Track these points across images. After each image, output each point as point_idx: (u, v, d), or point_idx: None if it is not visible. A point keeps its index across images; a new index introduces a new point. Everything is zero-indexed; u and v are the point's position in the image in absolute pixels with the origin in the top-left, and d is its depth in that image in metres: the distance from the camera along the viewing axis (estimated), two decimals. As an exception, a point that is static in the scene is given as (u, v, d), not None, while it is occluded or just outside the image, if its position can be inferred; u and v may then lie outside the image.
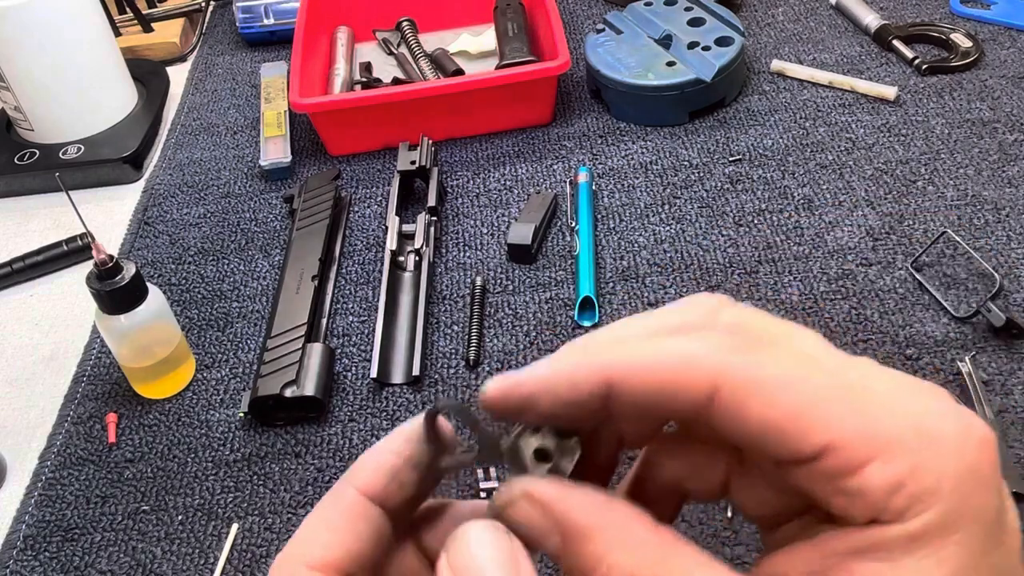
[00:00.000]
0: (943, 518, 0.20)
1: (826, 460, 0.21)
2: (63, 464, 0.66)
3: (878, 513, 0.21)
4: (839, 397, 0.21)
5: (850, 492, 0.21)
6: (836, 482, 0.21)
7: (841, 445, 0.21)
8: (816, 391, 0.22)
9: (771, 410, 0.22)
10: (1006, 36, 0.92)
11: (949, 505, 0.20)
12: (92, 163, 0.91)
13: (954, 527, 0.20)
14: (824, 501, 0.22)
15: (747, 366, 0.22)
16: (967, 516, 0.21)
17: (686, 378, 0.22)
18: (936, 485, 0.20)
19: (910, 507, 0.20)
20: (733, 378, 0.22)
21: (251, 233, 0.83)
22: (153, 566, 0.59)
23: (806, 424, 0.21)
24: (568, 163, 0.85)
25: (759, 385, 0.22)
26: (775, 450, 0.22)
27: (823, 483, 0.21)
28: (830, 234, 0.74)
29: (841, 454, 0.21)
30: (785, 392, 0.22)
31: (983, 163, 0.78)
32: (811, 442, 0.21)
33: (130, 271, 0.63)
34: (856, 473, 0.21)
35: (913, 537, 0.20)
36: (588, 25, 1.04)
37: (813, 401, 0.21)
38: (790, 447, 0.21)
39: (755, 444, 0.22)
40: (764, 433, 0.22)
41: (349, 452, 0.64)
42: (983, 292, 0.67)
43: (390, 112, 0.86)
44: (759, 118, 0.87)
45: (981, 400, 0.60)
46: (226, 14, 1.16)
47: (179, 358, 0.69)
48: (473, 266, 0.76)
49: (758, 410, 0.22)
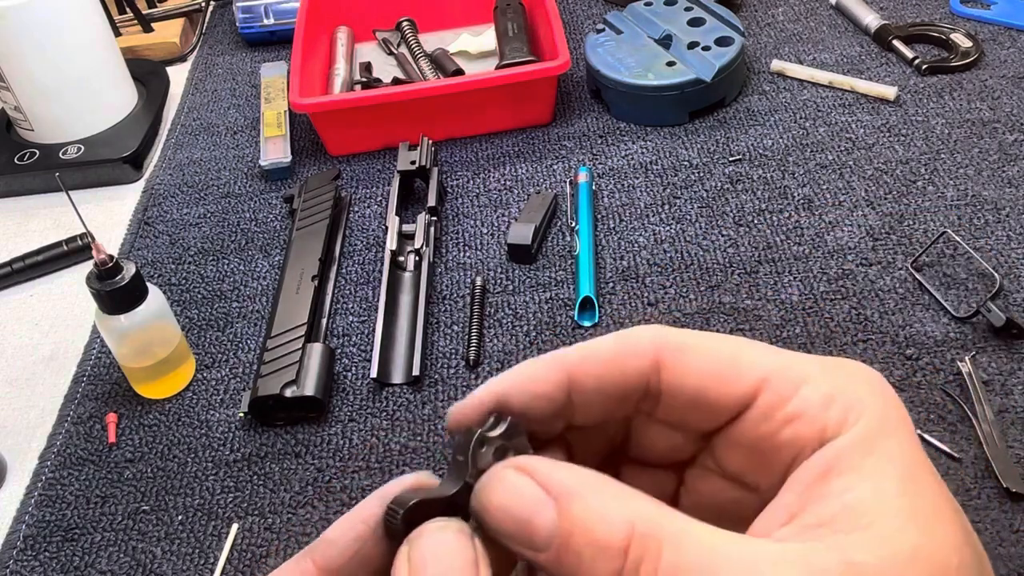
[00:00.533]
0: (878, 423, 0.23)
1: (764, 395, 0.24)
2: (63, 464, 0.66)
3: (820, 429, 0.23)
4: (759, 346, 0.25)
5: (792, 416, 0.24)
6: (777, 412, 0.24)
7: (773, 378, 0.24)
8: (738, 344, 0.25)
9: (707, 361, 0.25)
10: (1006, 36, 0.92)
11: (877, 413, 0.23)
12: (92, 163, 0.91)
13: (890, 429, 0.23)
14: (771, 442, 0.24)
15: (680, 334, 0.26)
16: (895, 421, 0.23)
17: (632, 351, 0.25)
18: (860, 398, 0.23)
19: (846, 418, 0.23)
20: (671, 342, 0.25)
21: (251, 233, 0.83)
22: (153, 566, 0.59)
23: (740, 367, 0.24)
24: (568, 163, 0.85)
25: (693, 344, 0.25)
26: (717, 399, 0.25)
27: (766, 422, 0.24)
28: (830, 234, 0.74)
29: (775, 385, 0.24)
30: (716, 346, 0.25)
31: (983, 163, 0.78)
32: (747, 380, 0.24)
33: (130, 271, 0.63)
34: (792, 397, 0.24)
35: (863, 441, 0.22)
36: (588, 25, 1.04)
37: (741, 349, 0.25)
38: (730, 391, 0.24)
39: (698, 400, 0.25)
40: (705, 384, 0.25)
41: (349, 452, 0.64)
42: (983, 292, 0.67)
43: (390, 112, 0.86)
44: (759, 118, 0.87)
45: (981, 400, 0.60)
46: (226, 14, 1.16)
47: (179, 358, 0.69)
48: (473, 266, 0.76)
49: (696, 363, 0.25)
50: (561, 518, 0.22)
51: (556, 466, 0.23)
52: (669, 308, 0.70)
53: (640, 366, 0.25)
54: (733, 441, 0.26)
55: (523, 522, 0.22)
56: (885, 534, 0.21)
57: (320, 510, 0.61)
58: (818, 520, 0.22)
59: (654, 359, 0.25)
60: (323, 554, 0.25)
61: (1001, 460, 0.57)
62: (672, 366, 0.25)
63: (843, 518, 0.21)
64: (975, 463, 0.57)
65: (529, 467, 0.23)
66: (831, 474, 0.22)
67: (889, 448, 0.22)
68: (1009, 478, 0.56)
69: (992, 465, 0.57)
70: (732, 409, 0.25)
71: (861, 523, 0.21)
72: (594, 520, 0.22)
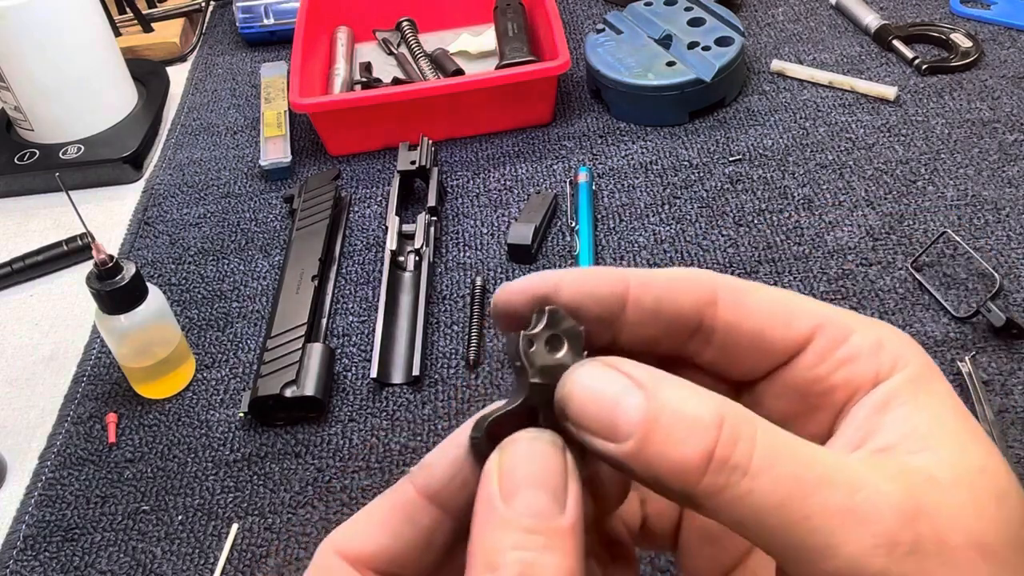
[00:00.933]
0: (923, 369, 0.24)
1: (818, 339, 0.24)
2: (63, 464, 0.66)
3: (874, 371, 0.24)
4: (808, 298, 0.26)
5: (848, 359, 0.24)
6: (832, 354, 0.24)
7: (826, 324, 0.24)
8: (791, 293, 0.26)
9: (765, 303, 0.25)
10: (1006, 36, 0.92)
11: (922, 364, 0.24)
12: (92, 163, 0.91)
13: (935, 374, 0.24)
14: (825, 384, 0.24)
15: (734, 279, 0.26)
16: (934, 370, 0.24)
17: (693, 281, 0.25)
18: (903, 348, 0.24)
19: (895, 363, 0.24)
20: (728, 284, 0.25)
21: (251, 233, 0.83)
22: (153, 566, 0.59)
23: (795, 312, 0.25)
24: (568, 163, 0.85)
25: (751, 286, 0.25)
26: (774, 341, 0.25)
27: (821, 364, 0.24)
28: (830, 234, 0.74)
29: (828, 331, 0.24)
30: (771, 291, 0.25)
31: (983, 163, 0.78)
32: (803, 324, 0.25)
33: (130, 271, 0.63)
34: (846, 342, 0.24)
35: (914, 380, 0.23)
36: (588, 25, 1.04)
37: (793, 297, 0.25)
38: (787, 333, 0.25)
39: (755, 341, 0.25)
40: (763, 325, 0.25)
41: (349, 452, 0.64)
42: (983, 292, 0.67)
43: (390, 112, 0.86)
44: (759, 118, 0.87)
45: (981, 400, 0.60)
46: (226, 14, 1.16)
47: (179, 358, 0.69)
48: (473, 266, 0.76)
49: (754, 305, 0.25)
50: (648, 401, 0.21)
51: (640, 364, 0.22)
52: (669, 308, 0.70)
53: (699, 297, 0.25)
54: (782, 386, 0.26)
55: (608, 408, 0.22)
56: (952, 453, 0.22)
57: (320, 510, 0.61)
58: (885, 445, 0.22)
59: (711, 294, 0.25)
60: (423, 479, 0.25)
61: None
62: (731, 305, 0.25)
63: (908, 441, 0.22)
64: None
65: (611, 361, 0.23)
66: (888, 407, 0.23)
67: (937, 388, 0.23)
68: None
69: (992, 465, 0.57)
70: (788, 352, 0.25)
71: (926, 445, 0.22)
72: (684, 399, 0.21)
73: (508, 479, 0.22)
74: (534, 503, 0.22)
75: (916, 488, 0.21)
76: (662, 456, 0.21)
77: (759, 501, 0.20)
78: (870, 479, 0.21)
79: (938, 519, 0.20)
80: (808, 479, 0.20)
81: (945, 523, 0.20)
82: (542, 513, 0.22)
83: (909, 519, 0.20)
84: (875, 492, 0.20)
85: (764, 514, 0.20)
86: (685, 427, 0.21)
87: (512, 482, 0.22)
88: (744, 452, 0.20)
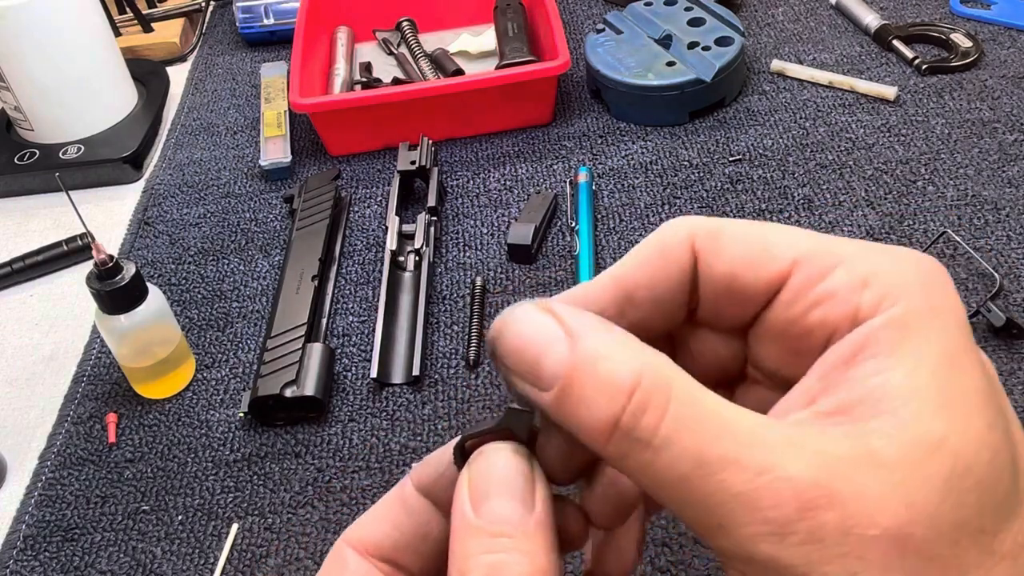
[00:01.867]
0: (921, 306, 0.21)
1: (794, 277, 0.23)
2: (63, 464, 0.66)
3: (852, 311, 0.22)
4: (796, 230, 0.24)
5: (823, 297, 0.22)
6: (808, 293, 0.23)
7: (805, 259, 0.23)
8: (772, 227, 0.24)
9: (738, 245, 0.24)
10: (1006, 36, 0.92)
11: (918, 299, 0.21)
12: (92, 163, 0.91)
13: (934, 312, 0.21)
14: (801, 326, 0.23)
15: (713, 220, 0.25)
16: (940, 308, 0.21)
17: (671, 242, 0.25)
18: (900, 282, 0.21)
19: (881, 302, 0.21)
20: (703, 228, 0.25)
21: (251, 233, 0.83)
22: (153, 566, 0.59)
23: (771, 250, 0.24)
24: (568, 163, 0.85)
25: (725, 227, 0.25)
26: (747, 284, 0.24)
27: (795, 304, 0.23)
28: (830, 234, 0.74)
29: (806, 267, 0.23)
30: (748, 227, 0.24)
31: (983, 163, 0.78)
32: (779, 262, 0.23)
33: (130, 271, 0.63)
34: (824, 279, 0.22)
35: (898, 323, 0.21)
36: (588, 25, 1.04)
37: (773, 231, 0.24)
38: (760, 274, 0.24)
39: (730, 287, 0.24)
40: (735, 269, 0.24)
41: (349, 452, 0.64)
42: (983, 292, 0.67)
43: (390, 112, 0.86)
44: (759, 118, 0.87)
45: (981, 400, 0.60)
46: (226, 14, 1.16)
47: (179, 358, 0.69)
48: (473, 266, 0.76)
49: (727, 248, 0.24)
50: (571, 353, 0.21)
51: (579, 311, 0.22)
52: (669, 308, 0.70)
53: (680, 258, 0.25)
54: (765, 332, 0.25)
55: (534, 355, 0.21)
56: (911, 420, 0.19)
57: (320, 510, 0.61)
58: (839, 405, 0.20)
59: (691, 251, 0.25)
60: (418, 474, 0.26)
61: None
62: (704, 253, 0.24)
63: (867, 403, 0.20)
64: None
65: (549, 305, 0.22)
66: (859, 357, 0.21)
67: (930, 332, 0.21)
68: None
69: (992, 465, 0.57)
70: (763, 294, 0.24)
71: (886, 408, 0.20)
72: (603, 357, 0.21)
73: (476, 490, 0.23)
74: (500, 509, 0.22)
75: (837, 470, 0.19)
76: (575, 413, 0.21)
77: (660, 474, 0.20)
78: (780, 459, 0.19)
79: (854, 507, 0.19)
80: (713, 456, 0.19)
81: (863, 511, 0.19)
82: (508, 518, 0.22)
83: (811, 506, 0.19)
84: (779, 475, 0.19)
85: (664, 487, 0.20)
86: (597, 388, 0.20)
87: (480, 492, 0.23)
88: (650, 423, 0.20)
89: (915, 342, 0.20)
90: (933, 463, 0.19)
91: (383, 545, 0.26)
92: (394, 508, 0.27)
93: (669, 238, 0.25)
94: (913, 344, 0.20)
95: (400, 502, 0.26)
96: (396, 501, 0.27)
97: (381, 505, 0.27)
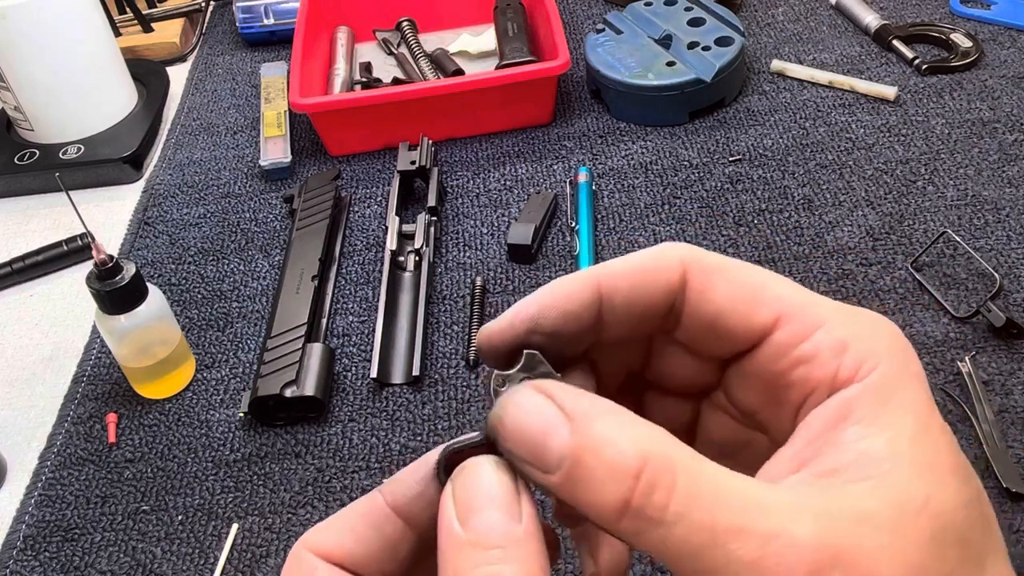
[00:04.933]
0: (894, 375, 0.23)
1: (779, 331, 0.24)
2: (63, 464, 0.66)
3: (831, 375, 0.23)
4: (784, 282, 0.25)
5: (805, 358, 0.24)
6: (791, 351, 0.24)
7: (791, 316, 0.24)
8: (764, 275, 0.25)
9: (731, 287, 0.25)
10: (1006, 36, 0.92)
11: (893, 365, 0.23)
12: (92, 163, 0.91)
13: (905, 381, 0.23)
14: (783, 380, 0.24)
15: (711, 256, 0.26)
16: (910, 374, 0.23)
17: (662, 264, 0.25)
18: (875, 348, 0.23)
19: (860, 367, 0.23)
20: (699, 261, 0.25)
21: (251, 233, 0.83)
22: (153, 566, 0.59)
23: (762, 299, 0.25)
24: (568, 163, 0.85)
25: (721, 267, 0.25)
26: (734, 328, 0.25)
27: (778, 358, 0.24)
28: (830, 234, 0.74)
29: (791, 324, 0.24)
30: (742, 272, 0.25)
31: (983, 163, 0.78)
32: (766, 313, 0.24)
33: (130, 271, 0.63)
34: (807, 338, 0.24)
35: (877, 391, 0.22)
36: (588, 25, 1.04)
37: (765, 282, 0.25)
38: (747, 322, 0.25)
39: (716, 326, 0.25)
40: (724, 310, 0.25)
41: (349, 452, 0.64)
42: (983, 292, 0.67)
43: (390, 112, 0.86)
44: (759, 118, 0.87)
45: (981, 400, 0.60)
46: (226, 14, 1.16)
47: (179, 358, 0.69)
48: (473, 266, 0.76)
49: (720, 287, 0.25)
50: (574, 437, 0.22)
51: (575, 391, 0.23)
52: (669, 308, 0.70)
53: (669, 281, 0.25)
54: (746, 374, 0.26)
55: (537, 441, 0.22)
56: (897, 483, 0.21)
57: (320, 510, 0.61)
58: (830, 468, 0.22)
59: (682, 276, 0.25)
60: (391, 492, 0.26)
61: (1001, 460, 0.57)
62: (697, 286, 0.25)
63: (855, 467, 0.21)
64: (975, 463, 0.57)
65: (547, 389, 0.23)
66: (844, 422, 0.22)
67: (903, 400, 0.22)
68: (1009, 478, 0.56)
69: (992, 465, 0.57)
70: (748, 340, 0.25)
71: (873, 472, 0.21)
72: (608, 442, 0.21)
73: (462, 504, 0.23)
74: (488, 521, 0.23)
75: (838, 530, 0.20)
76: (584, 495, 0.21)
77: (673, 549, 0.21)
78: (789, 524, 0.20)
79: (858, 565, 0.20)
80: (723, 528, 0.20)
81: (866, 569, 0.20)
82: (497, 529, 0.23)
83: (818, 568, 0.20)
84: (786, 542, 0.20)
85: (678, 560, 0.21)
86: (605, 471, 0.21)
87: (466, 506, 0.23)
88: (659, 502, 0.21)
89: (893, 411, 0.22)
90: (920, 522, 0.21)
91: (345, 559, 0.26)
92: (361, 522, 0.26)
93: (662, 257, 0.26)
94: (891, 413, 0.22)
95: (367, 517, 0.26)
96: (363, 515, 0.26)
97: (344, 517, 0.26)
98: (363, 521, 0.26)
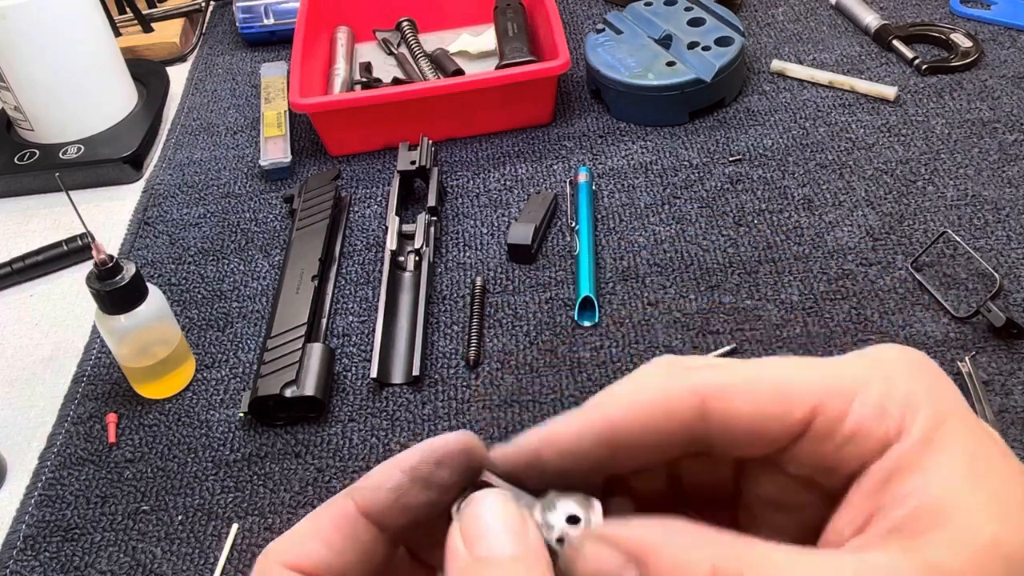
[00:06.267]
0: (935, 416, 0.22)
1: (818, 420, 0.23)
2: (63, 464, 0.66)
3: (881, 442, 0.22)
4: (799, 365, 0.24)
5: (850, 436, 0.23)
6: (835, 436, 0.23)
7: (825, 402, 0.23)
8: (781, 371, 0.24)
9: (754, 400, 0.24)
10: (1006, 36, 0.92)
11: (932, 407, 0.23)
12: (92, 163, 0.91)
13: (946, 419, 0.22)
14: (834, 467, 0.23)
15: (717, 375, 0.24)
16: (950, 410, 0.23)
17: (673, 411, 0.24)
18: (910, 396, 0.23)
19: (903, 420, 0.22)
20: (710, 385, 0.24)
21: (251, 233, 0.83)
22: (153, 566, 0.59)
23: (789, 397, 0.23)
24: (568, 163, 0.85)
25: (734, 384, 0.24)
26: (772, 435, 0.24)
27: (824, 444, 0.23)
28: (830, 234, 0.74)
29: (828, 409, 0.23)
30: (757, 380, 0.24)
31: (983, 163, 0.78)
32: (799, 410, 0.23)
33: (130, 271, 0.63)
34: (846, 417, 0.23)
35: (924, 441, 0.22)
36: (588, 25, 1.04)
37: (785, 377, 0.24)
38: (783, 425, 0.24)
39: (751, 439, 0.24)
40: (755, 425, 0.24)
41: (349, 452, 0.64)
42: (983, 292, 0.67)
43: (390, 112, 0.86)
44: (759, 118, 0.87)
45: (981, 400, 0.60)
46: (226, 14, 1.16)
47: (179, 358, 0.69)
48: (473, 266, 0.76)
49: (743, 406, 0.24)
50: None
51: (629, 525, 0.23)
52: (669, 308, 0.70)
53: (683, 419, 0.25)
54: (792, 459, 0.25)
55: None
56: (961, 530, 0.21)
57: (320, 510, 0.61)
58: (892, 525, 0.22)
59: (698, 410, 0.24)
60: (363, 498, 0.25)
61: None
62: (719, 415, 0.24)
63: (916, 520, 0.21)
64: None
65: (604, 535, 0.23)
66: (897, 477, 0.22)
67: (949, 440, 0.22)
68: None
69: (992, 465, 0.56)
70: (787, 439, 0.24)
71: (935, 522, 0.21)
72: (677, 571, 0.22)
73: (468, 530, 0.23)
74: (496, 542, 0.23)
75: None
76: None
77: None
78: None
79: None
80: None
81: None
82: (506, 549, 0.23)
83: None
84: None
85: None
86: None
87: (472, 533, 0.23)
88: None
89: (941, 455, 0.22)
90: (992, 565, 0.20)
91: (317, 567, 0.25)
92: (333, 530, 0.25)
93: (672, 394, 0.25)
94: (940, 457, 0.22)
95: (339, 524, 0.25)
96: (334, 522, 0.25)
97: (315, 524, 0.25)
98: (335, 528, 0.25)
